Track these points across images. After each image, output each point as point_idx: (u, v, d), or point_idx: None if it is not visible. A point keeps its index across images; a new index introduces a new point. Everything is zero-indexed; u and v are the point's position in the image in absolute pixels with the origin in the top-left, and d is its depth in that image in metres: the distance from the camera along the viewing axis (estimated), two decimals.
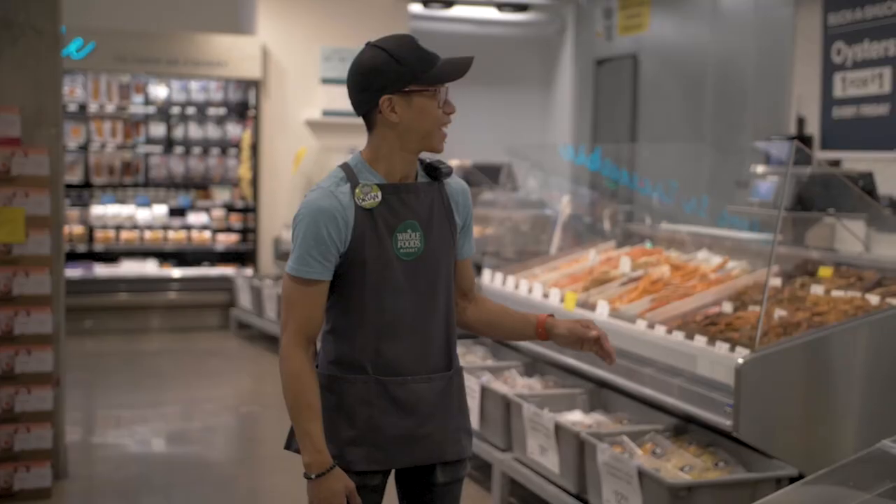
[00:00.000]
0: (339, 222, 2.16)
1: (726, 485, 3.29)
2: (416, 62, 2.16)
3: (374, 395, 2.21)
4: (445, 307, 2.29)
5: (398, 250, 2.21)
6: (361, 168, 2.23)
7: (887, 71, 5.95)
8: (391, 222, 2.20)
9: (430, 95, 2.18)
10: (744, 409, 3.34)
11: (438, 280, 2.26)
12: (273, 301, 7.81)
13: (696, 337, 3.69)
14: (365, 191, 2.18)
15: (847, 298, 3.70)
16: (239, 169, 9.27)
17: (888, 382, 3.51)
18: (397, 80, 2.15)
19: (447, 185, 2.31)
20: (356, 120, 8.44)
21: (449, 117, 2.22)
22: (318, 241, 2.14)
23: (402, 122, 2.18)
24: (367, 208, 2.17)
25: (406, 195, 2.22)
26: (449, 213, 2.29)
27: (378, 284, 2.19)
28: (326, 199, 2.16)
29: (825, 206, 4.35)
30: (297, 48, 9.10)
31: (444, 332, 2.29)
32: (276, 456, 5.42)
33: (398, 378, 2.22)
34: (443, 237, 2.27)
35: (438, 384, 2.28)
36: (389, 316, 2.21)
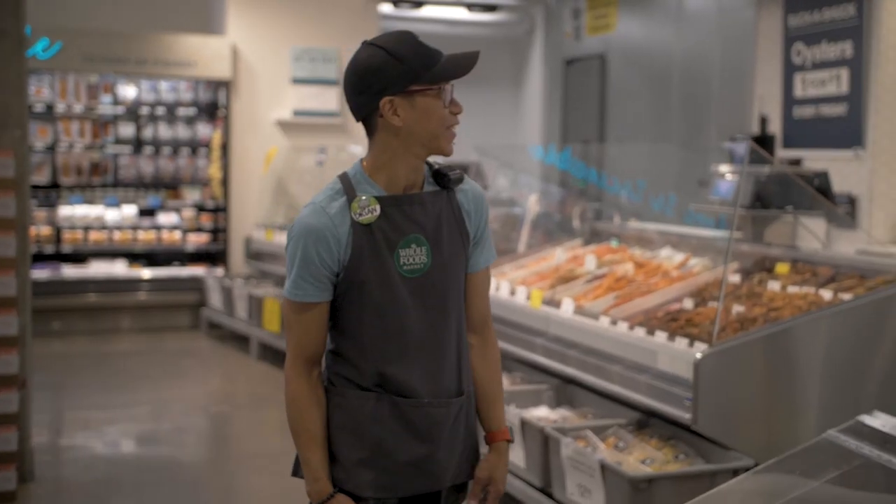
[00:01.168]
0: (331, 242, 2.01)
1: (685, 476, 3.38)
2: (417, 60, 2.00)
3: (387, 414, 2.07)
4: (457, 325, 2.14)
5: (401, 267, 2.05)
6: (360, 179, 2.07)
7: (844, 72, 6.08)
8: (392, 237, 2.04)
9: (435, 95, 2.02)
10: (702, 402, 3.42)
11: (449, 297, 2.11)
12: (244, 301, 7.83)
13: (656, 333, 3.77)
14: (362, 205, 2.02)
15: (802, 294, 3.79)
16: (209, 169, 9.27)
17: (841, 375, 3.61)
18: (398, 80, 2.00)
19: (459, 192, 2.15)
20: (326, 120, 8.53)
21: (456, 117, 2.07)
22: (307, 262, 2.02)
23: (405, 124, 2.02)
24: (364, 224, 2.02)
25: (409, 207, 2.06)
26: (460, 224, 2.13)
27: (380, 305, 2.05)
28: (317, 216, 2.02)
29: (784, 204, 4.45)
30: (268, 48, 9.12)
31: (455, 352, 2.14)
32: (248, 455, 5.47)
33: (412, 400, 2.08)
34: (453, 250, 2.11)
35: (454, 409, 2.13)
36: (395, 337, 2.06)
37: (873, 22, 5.93)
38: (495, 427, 2.23)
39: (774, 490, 2.43)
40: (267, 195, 9.06)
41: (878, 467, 2.36)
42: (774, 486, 2.45)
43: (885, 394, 3.58)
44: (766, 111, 6.28)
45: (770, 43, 6.68)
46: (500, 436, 2.22)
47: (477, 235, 2.17)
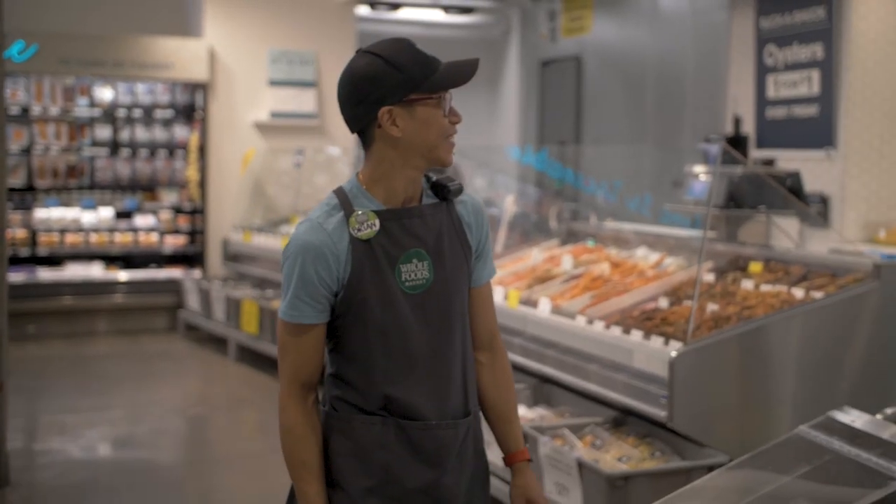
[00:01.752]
0: (329, 259, 1.92)
1: (661, 473, 3.42)
2: (416, 68, 1.93)
3: (393, 439, 1.98)
4: (462, 342, 2.04)
5: (402, 284, 1.96)
6: (357, 193, 1.98)
7: (816, 74, 6.16)
8: (393, 253, 1.96)
9: (435, 104, 1.95)
10: (677, 400, 3.47)
11: (453, 313, 2.02)
12: (222, 303, 7.83)
13: (632, 332, 3.82)
14: (360, 219, 1.94)
15: (774, 292, 3.85)
16: (186, 171, 9.25)
17: (813, 372, 3.67)
18: (397, 90, 1.92)
19: (459, 204, 2.07)
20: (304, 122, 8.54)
21: (455, 127, 1.99)
22: (305, 282, 1.93)
23: (404, 135, 1.94)
24: (363, 239, 1.94)
25: (409, 220, 1.98)
26: (461, 237, 2.05)
27: (382, 324, 1.95)
28: (314, 233, 1.93)
29: (757, 204, 4.51)
30: (245, 50, 9.11)
31: (461, 370, 2.04)
32: (225, 458, 5.47)
33: (419, 423, 1.98)
34: (456, 264, 2.03)
35: (462, 431, 2.04)
36: (399, 358, 1.97)
37: (843, 25, 6.02)
38: (514, 447, 2.14)
39: (747, 485, 2.47)
40: (244, 197, 9.05)
41: (849, 462, 2.41)
42: (747, 482, 2.49)
43: (856, 390, 3.64)
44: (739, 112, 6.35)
45: (743, 45, 6.76)
46: (520, 456, 2.14)
47: (479, 248, 2.09)
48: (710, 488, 2.52)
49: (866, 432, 2.48)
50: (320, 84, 9.36)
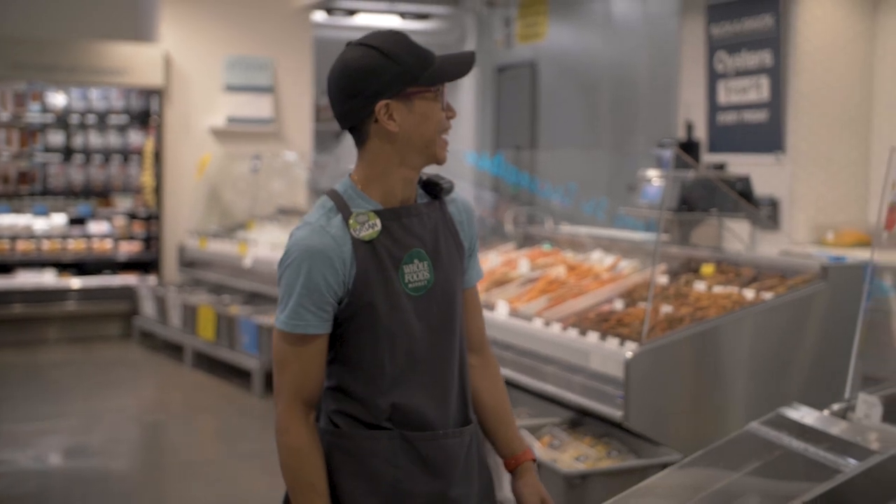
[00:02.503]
0: (336, 263, 1.82)
1: (617, 472, 3.48)
2: (413, 60, 1.84)
3: (401, 453, 1.88)
4: (460, 347, 1.97)
5: (406, 285, 1.88)
6: (352, 194, 1.89)
7: (765, 80, 6.29)
8: (396, 253, 1.87)
9: (433, 97, 1.86)
10: (633, 400, 3.53)
11: (452, 315, 1.94)
12: (178, 309, 7.78)
13: (589, 333, 3.88)
14: (361, 220, 1.85)
15: (726, 294, 3.94)
16: (142, 177, 9.18)
17: (764, 370, 3.75)
18: (395, 82, 1.83)
19: (450, 202, 2.00)
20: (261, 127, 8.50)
21: (450, 122, 1.91)
22: (311, 289, 1.82)
23: (401, 130, 1.85)
24: (365, 240, 1.85)
25: (408, 219, 1.90)
26: (455, 236, 1.98)
27: (389, 328, 1.86)
28: (317, 236, 1.83)
29: (709, 208, 4.60)
30: (201, 56, 9.07)
31: (459, 375, 1.96)
32: (182, 464, 5.44)
33: (426, 433, 1.89)
34: (452, 264, 1.95)
35: (466, 440, 1.96)
36: (404, 363, 1.88)
37: (790, 32, 6.15)
38: (518, 449, 2.08)
39: (698, 482, 2.53)
40: (200, 203, 9.00)
41: (798, 456, 2.48)
42: (698, 479, 2.56)
43: (805, 387, 3.74)
44: (691, 117, 6.46)
45: (694, 51, 6.88)
46: (526, 455, 2.08)
47: (470, 247, 2.03)
48: (662, 486, 2.58)
49: (814, 428, 2.56)
50: (277, 89, 9.35)
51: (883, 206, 2.93)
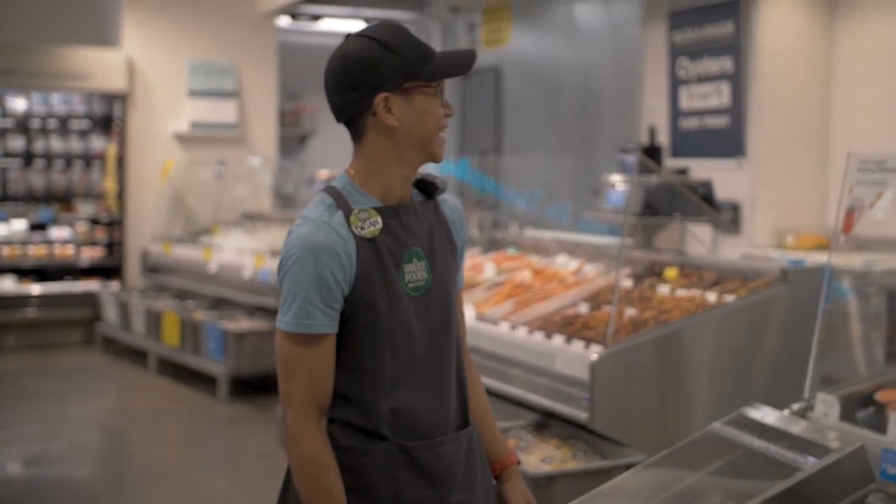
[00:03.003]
0: (343, 259, 1.76)
1: (582, 473, 3.52)
2: (415, 53, 1.80)
3: (398, 465, 1.81)
4: (456, 348, 1.93)
5: (406, 285, 1.83)
6: (351, 190, 1.84)
7: (726, 86, 6.38)
8: (396, 252, 1.82)
9: (433, 92, 1.82)
10: (598, 402, 3.57)
11: (450, 315, 1.90)
12: (141, 315, 7.72)
13: (554, 336, 3.91)
14: (362, 217, 1.80)
15: (689, 297, 4.00)
16: (104, 182, 9.11)
17: (727, 371, 3.81)
18: (395, 76, 1.79)
19: (442, 202, 1.97)
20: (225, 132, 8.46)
21: (446, 119, 1.87)
22: (320, 285, 1.74)
23: (400, 125, 1.81)
24: (367, 238, 1.79)
25: (406, 217, 1.86)
26: (449, 236, 1.94)
27: (389, 329, 1.81)
28: (322, 231, 1.76)
29: (672, 212, 4.66)
30: (164, 61, 9.02)
31: (457, 378, 1.92)
32: (146, 472, 5.40)
33: (424, 442, 1.84)
34: (446, 265, 1.91)
35: (464, 444, 1.91)
36: (404, 365, 1.83)
37: (750, 39, 6.25)
38: (503, 452, 2.05)
39: (661, 482, 2.57)
40: (164, 208, 8.94)
41: (759, 455, 2.53)
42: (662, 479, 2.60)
43: (766, 388, 3.80)
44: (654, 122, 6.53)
45: (657, 58, 6.96)
46: (512, 458, 2.05)
47: (461, 249, 1.99)
48: (627, 486, 2.61)
49: (775, 427, 2.61)
50: (241, 94, 9.32)
51: (840, 210, 2.99)
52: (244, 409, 6.45)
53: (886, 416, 2.53)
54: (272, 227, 8.07)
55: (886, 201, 2.95)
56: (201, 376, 7.02)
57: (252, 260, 7.00)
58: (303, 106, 10.72)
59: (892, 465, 2.34)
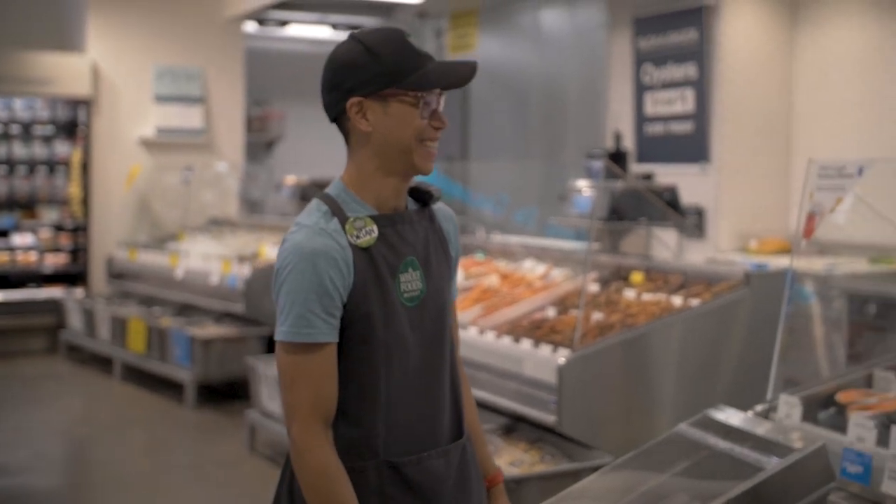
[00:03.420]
0: (342, 265, 1.73)
1: (551, 476, 3.55)
2: (397, 60, 1.76)
3: (387, 482, 1.78)
4: (451, 360, 1.90)
5: (402, 295, 1.79)
6: (346, 197, 1.81)
7: (690, 92, 6.46)
8: (392, 262, 1.79)
9: (412, 103, 1.77)
10: (566, 405, 3.61)
11: (444, 327, 1.87)
12: (107, 321, 7.66)
13: (522, 340, 3.95)
14: (358, 225, 1.76)
15: (655, 301, 4.05)
16: (69, 188, 9.03)
17: (692, 374, 3.87)
18: (372, 81, 1.76)
19: (437, 211, 1.93)
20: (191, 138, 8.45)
21: (436, 132, 1.80)
22: (320, 291, 1.70)
23: (375, 131, 1.78)
24: (363, 247, 1.76)
25: (402, 226, 1.82)
26: (444, 246, 1.91)
27: (385, 340, 1.77)
28: (320, 238, 1.73)
29: (637, 217, 4.71)
30: (130, 66, 8.96)
31: (451, 390, 1.89)
32: (112, 479, 5.36)
33: (412, 457, 1.80)
34: (441, 274, 1.88)
35: (455, 457, 1.87)
36: (398, 378, 1.79)
37: (713, 46, 6.34)
38: (491, 470, 2.02)
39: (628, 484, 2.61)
40: (130, 214, 8.88)
41: (723, 456, 2.57)
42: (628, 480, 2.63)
43: (731, 389, 3.86)
44: (619, 128, 6.60)
45: (622, 64, 7.03)
46: (498, 478, 2.03)
47: (455, 258, 1.96)
48: (594, 488, 2.65)
49: (739, 428, 2.66)
50: (208, 100, 9.28)
51: (802, 215, 3.05)
52: (211, 415, 6.42)
53: (847, 416, 2.59)
54: (239, 232, 8.04)
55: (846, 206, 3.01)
56: (168, 383, 6.98)
57: (219, 266, 6.97)
58: (270, 111, 10.69)
59: (852, 464, 2.40)
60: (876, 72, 5.98)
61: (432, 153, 1.81)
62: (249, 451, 5.53)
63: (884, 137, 5.93)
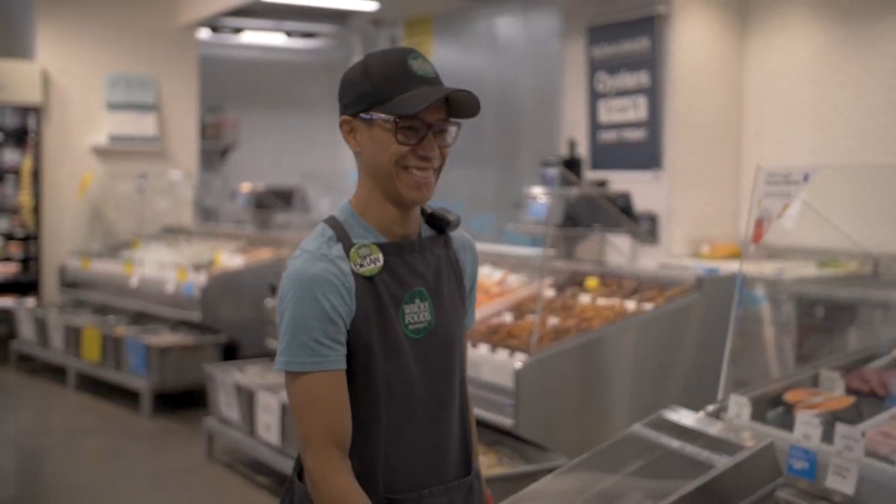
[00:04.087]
0: (342, 291, 1.67)
1: (508, 478, 3.59)
2: (382, 82, 1.70)
3: None
4: (461, 394, 1.84)
5: (406, 327, 1.73)
6: (352, 222, 1.75)
7: (643, 100, 6.57)
8: (396, 292, 1.73)
9: (389, 128, 1.69)
10: (522, 408, 3.65)
11: (453, 360, 1.80)
12: (60, 331, 7.57)
13: (479, 345, 3.99)
14: (363, 253, 1.71)
15: (609, 305, 4.11)
16: (19, 196, 8.91)
17: (645, 375, 3.94)
18: (358, 101, 1.71)
19: (454, 239, 1.86)
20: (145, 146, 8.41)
21: (422, 161, 1.71)
22: (322, 318, 1.65)
23: (363, 151, 1.74)
24: (366, 276, 1.70)
25: (411, 256, 1.76)
26: (458, 275, 1.84)
27: (386, 375, 1.71)
28: (321, 263, 1.67)
29: (592, 223, 4.78)
30: (81, 73, 8.88)
31: (460, 425, 1.83)
32: (67, 489, 5.30)
33: (413, 494, 1.74)
34: (453, 305, 1.81)
35: (459, 495, 1.81)
36: (400, 413, 1.73)
37: (665, 54, 6.45)
38: (484, 490, 1.97)
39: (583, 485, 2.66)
40: (82, 222, 8.79)
41: (676, 455, 2.64)
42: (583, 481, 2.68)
43: (684, 391, 3.93)
44: (573, 136, 6.68)
45: (576, 72, 7.12)
46: (489, 501, 2.00)
47: (471, 289, 1.90)
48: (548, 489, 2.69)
49: (691, 428, 2.72)
50: (161, 107, 9.22)
51: (750, 220, 3.13)
52: (168, 423, 6.38)
53: (794, 415, 2.66)
54: (194, 240, 8.00)
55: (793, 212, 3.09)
56: (123, 392, 6.92)
57: (175, 274, 6.93)
58: (224, 118, 10.64)
59: (798, 461, 2.47)
60: (823, 79, 6.13)
61: (419, 181, 1.71)
62: (207, 459, 5.51)
63: (832, 143, 6.08)
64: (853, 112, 5.95)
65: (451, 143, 1.77)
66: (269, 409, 4.78)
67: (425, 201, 1.75)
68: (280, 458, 4.71)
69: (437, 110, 1.73)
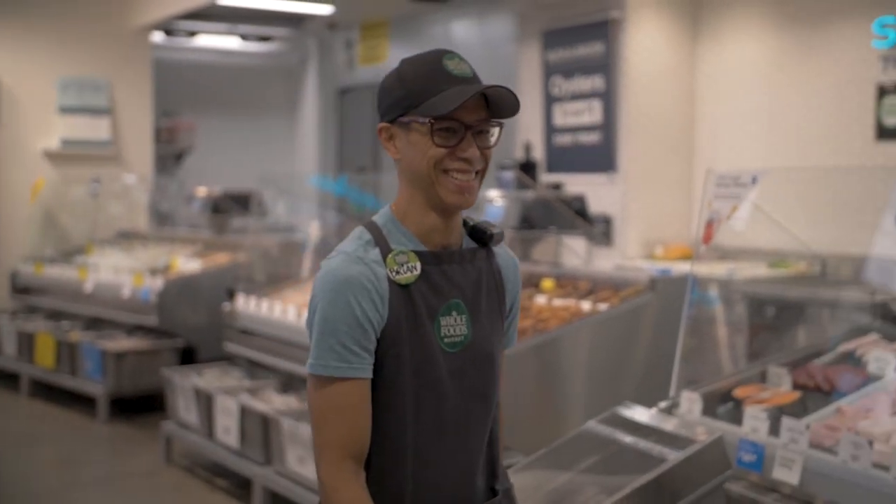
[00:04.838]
0: (375, 297, 1.61)
1: None
2: (416, 85, 1.66)
3: None
4: (493, 412, 1.77)
5: (441, 339, 1.66)
6: (392, 228, 1.70)
7: (597, 103, 6.66)
8: (433, 303, 1.66)
9: (425, 130, 1.64)
10: None
11: (488, 377, 1.73)
12: (12, 337, 7.48)
13: None
14: (400, 260, 1.64)
15: (565, 306, 4.18)
16: None
17: (602, 374, 4.01)
18: (395, 107, 1.68)
19: (497, 254, 1.79)
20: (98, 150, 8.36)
21: (463, 163, 1.65)
22: (351, 323, 1.60)
23: (402, 158, 1.69)
24: (402, 284, 1.64)
25: (449, 266, 1.69)
26: (500, 291, 1.77)
27: (416, 389, 1.64)
28: (356, 266, 1.62)
29: (548, 225, 4.85)
30: (32, 77, 8.77)
31: (489, 445, 1.77)
32: (21, 495, 5.25)
33: None
34: (492, 322, 1.74)
35: None
36: (429, 431, 1.66)
37: (619, 59, 6.55)
38: None
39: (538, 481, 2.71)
40: (35, 227, 8.68)
41: (630, 450, 2.70)
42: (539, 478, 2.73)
43: (638, 388, 4.00)
44: (529, 139, 6.75)
45: (531, 76, 7.20)
46: None
47: (512, 308, 1.83)
48: None
49: (644, 423, 2.79)
50: (115, 111, 9.14)
51: (701, 222, 3.21)
52: (125, 428, 6.33)
53: (743, 409, 2.74)
54: (149, 245, 7.94)
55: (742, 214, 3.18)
56: (78, 398, 6.85)
57: (130, 279, 6.89)
58: (179, 122, 10.58)
59: (746, 454, 2.55)
60: (774, 83, 6.26)
61: (461, 185, 1.65)
62: (166, 463, 5.49)
63: (782, 146, 6.21)
64: (803, 115, 6.09)
65: (494, 145, 1.72)
66: (227, 412, 4.78)
67: (468, 206, 1.69)
68: (239, 460, 4.71)
69: (476, 110, 1.68)
